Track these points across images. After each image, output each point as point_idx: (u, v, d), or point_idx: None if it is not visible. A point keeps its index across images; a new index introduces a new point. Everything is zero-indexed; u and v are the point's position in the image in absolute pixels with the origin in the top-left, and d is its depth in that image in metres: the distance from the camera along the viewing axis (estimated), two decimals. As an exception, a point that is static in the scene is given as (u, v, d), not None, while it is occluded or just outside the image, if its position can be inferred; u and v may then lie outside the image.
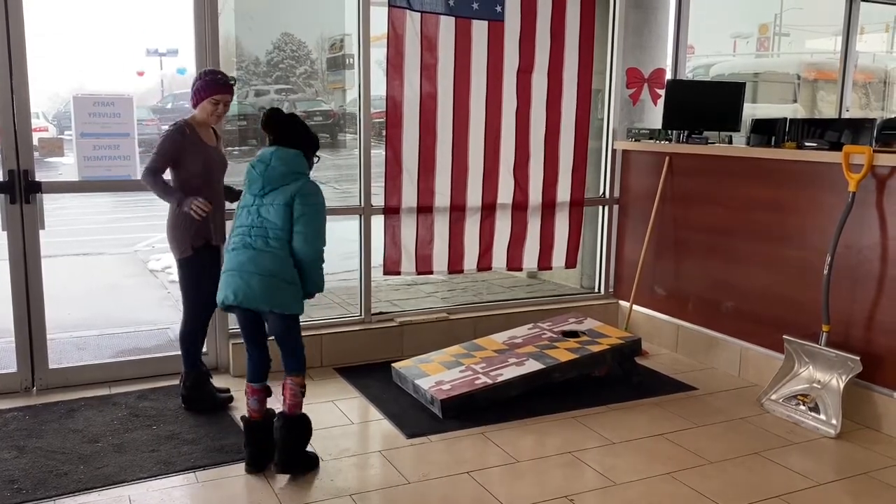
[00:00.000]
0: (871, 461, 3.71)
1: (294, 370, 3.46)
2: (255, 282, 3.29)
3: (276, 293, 3.31)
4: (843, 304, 4.19)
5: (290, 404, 3.44)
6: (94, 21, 9.29)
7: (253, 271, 3.30)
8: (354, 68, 4.99)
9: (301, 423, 3.49)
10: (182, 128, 3.93)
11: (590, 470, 3.58)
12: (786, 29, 12.98)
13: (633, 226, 5.67)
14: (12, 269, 4.22)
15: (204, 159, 3.97)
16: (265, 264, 3.30)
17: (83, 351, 5.15)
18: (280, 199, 3.31)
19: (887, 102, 10.60)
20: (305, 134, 3.49)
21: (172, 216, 3.99)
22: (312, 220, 3.32)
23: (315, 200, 3.35)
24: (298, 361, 3.47)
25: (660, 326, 5.46)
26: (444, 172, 5.07)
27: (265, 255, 3.30)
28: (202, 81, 3.97)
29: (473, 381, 4.25)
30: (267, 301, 3.32)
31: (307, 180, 3.39)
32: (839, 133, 4.55)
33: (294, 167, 3.36)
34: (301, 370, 3.47)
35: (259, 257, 3.30)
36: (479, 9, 4.95)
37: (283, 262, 3.31)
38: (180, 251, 4.00)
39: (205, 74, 4.01)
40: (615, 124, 5.74)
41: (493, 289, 6.61)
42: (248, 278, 3.30)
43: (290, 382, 3.44)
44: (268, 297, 3.31)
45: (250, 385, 3.51)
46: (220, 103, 3.97)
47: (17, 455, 3.55)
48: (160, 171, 3.91)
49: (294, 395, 3.44)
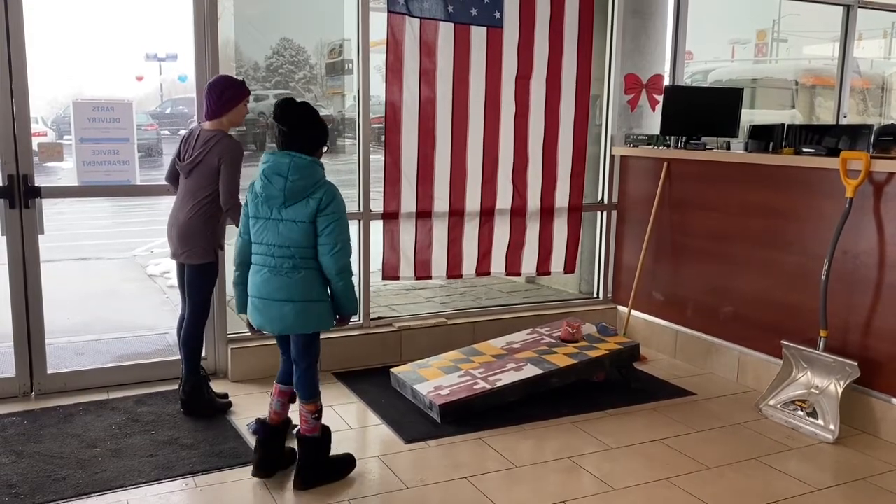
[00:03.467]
0: (869, 467, 3.72)
1: (305, 398, 3.39)
2: (287, 309, 3.24)
3: (310, 316, 3.27)
4: (840, 310, 4.20)
5: (304, 429, 3.41)
6: (94, 26, 9.30)
7: (285, 300, 3.23)
8: (354, 74, 5.00)
9: (317, 443, 3.43)
10: (237, 140, 4.02)
11: (588, 475, 3.58)
12: (784, 35, 13.01)
13: (632, 231, 5.68)
14: (11, 274, 4.22)
15: None
16: (297, 291, 3.22)
17: (81, 356, 5.15)
18: (302, 215, 3.18)
19: (885, 108, 10.62)
20: (319, 125, 3.33)
21: (200, 222, 3.96)
22: (335, 233, 3.20)
23: (336, 210, 3.22)
24: (308, 387, 3.38)
25: (658, 332, 5.46)
26: (443, 177, 5.08)
27: (296, 282, 3.22)
28: (236, 87, 4.00)
29: (472, 387, 4.25)
30: (301, 325, 3.29)
31: (326, 188, 3.23)
32: (837, 139, 4.57)
33: (313, 179, 3.21)
34: (312, 397, 3.39)
35: (290, 285, 3.22)
36: (478, 15, 4.97)
37: (312, 283, 3.24)
38: (205, 256, 4.01)
39: (231, 80, 4.04)
40: (613, 130, 5.75)
41: (491, 294, 6.62)
42: (279, 307, 3.24)
43: (303, 410, 3.39)
44: (301, 321, 3.27)
45: (277, 385, 3.50)
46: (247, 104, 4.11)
47: (16, 460, 3.54)
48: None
49: (307, 421, 3.40)
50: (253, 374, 4.69)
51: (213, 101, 3.98)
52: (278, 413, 3.50)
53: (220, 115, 3.99)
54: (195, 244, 3.98)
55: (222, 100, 3.97)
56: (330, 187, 3.25)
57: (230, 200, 3.92)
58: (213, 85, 4.01)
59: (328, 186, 3.25)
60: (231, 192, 3.93)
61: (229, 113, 4.00)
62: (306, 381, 3.38)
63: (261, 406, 4.22)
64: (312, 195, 3.19)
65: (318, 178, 3.24)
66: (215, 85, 4.01)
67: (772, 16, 12.73)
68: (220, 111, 3.98)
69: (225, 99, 3.98)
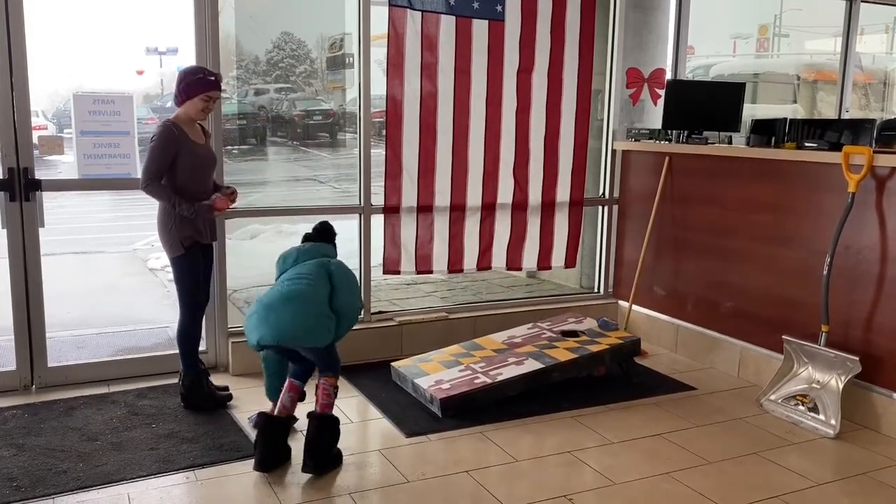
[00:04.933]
0: (870, 461, 3.72)
1: (327, 370, 3.53)
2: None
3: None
4: (842, 305, 4.19)
5: (322, 403, 3.51)
6: (94, 19, 9.28)
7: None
8: (354, 67, 4.99)
9: (332, 423, 3.53)
10: (170, 128, 3.90)
11: (589, 469, 3.58)
12: (785, 30, 12.98)
13: (633, 226, 5.68)
14: (12, 268, 4.22)
15: (193, 158, 3.96)
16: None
17: (82, 349, 5.15)
18: (313, 266, 3.58)
19: (887, 103, 10.60)
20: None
21: (163, 216, 3.97)
22: (346, 279, 3.56)
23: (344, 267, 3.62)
24: (333, 362, 3.55)
25: (659, 326, 5.46)
26: (444, 172, 5.07)
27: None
28: (192, 79, 3.95)
29: (473, 381, 4.25)
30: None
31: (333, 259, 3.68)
32: (839, 133, 4.56)
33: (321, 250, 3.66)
34: (335, 370, 3.54)
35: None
36: (480, 8, 4.95)
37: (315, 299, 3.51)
38: (172, 250, 3.99)
39: (193, 72, 3.99)
40: (615, 124, 5.74)
41: (492, 288, 6.61)
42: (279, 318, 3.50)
43: (324, 382, 3.52)
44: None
45: (290, 380, 3.62)
46: (211, 100, 3.99)
47: (16, 453, 3.55)
48: (160, 177, 3.89)
49: (327, 394, 3.51)
50: (254, 367, 4.67)
51: (175, 89, 3.99)
52: (287, 408, 3.58)
53: (178, 104, 3.98)
54: (164, 238, 3.99)
55: (178, 89, 3.97)
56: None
57: (141, 183, 3.89)
58: (180, 72, 4.02)
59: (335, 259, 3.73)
60: (142, 172, 3.89)
61: (184, 105, 3.96)
62: (330, 364, 3.56)
63: (262, 400, 4.22)
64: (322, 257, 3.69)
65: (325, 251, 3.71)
66: (180, 73, 4.02)
67: (773, 11, 12.70)
68: (177, 101, 3.97)
69: (180, 89, 3.96)
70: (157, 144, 3.87)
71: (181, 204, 3.87)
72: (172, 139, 3.88)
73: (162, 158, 3.86)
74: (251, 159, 10.44)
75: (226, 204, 4.02)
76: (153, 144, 3.87)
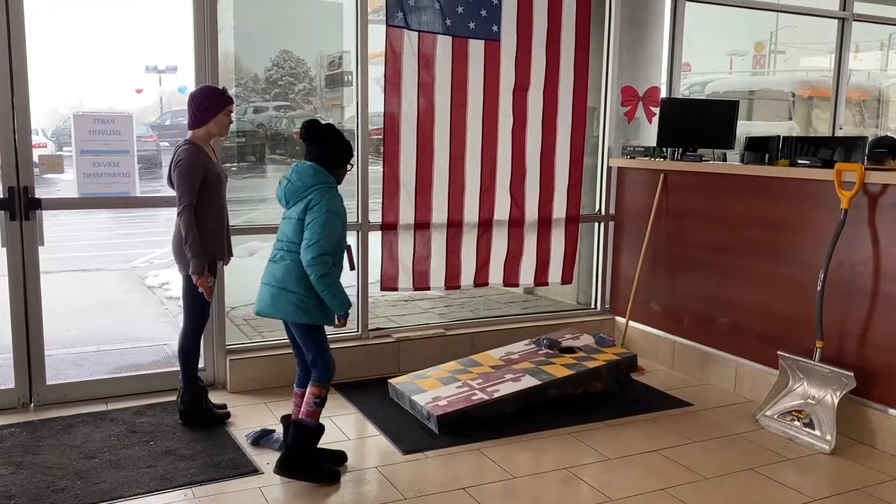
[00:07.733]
0: (866, 477, 3.73)
1: (315, 379, 3.58)
2: (265, 291, 3.54)
3: (279, 302, 3.48)
4: (836, 320, 4.22)
5: (301, 411, 3.59)
6: (94, 37, 9.33)
7: (266, 283, 3.54)
8: (353, 86, 5.03)
9: (305, 431, 3.56)
10: (196, 151, 3.96)
11: (585, 486, 3.59)
12: (781, 47, 13.05)
13: (629, 242, 5.71)
14: (11, 286, 4.24)
15: (214, 176, 4.03)
16: (275, 274, 3.50)
17: (81, 367, 5.16)
18: (294, 213, 3.47)
19: (882, 120, 10.66)
20: (338, 144, 3.57)
21: (180, 233, 3.99)
22: (314, 228, 3.40)
23: (322, 210, 3.40)
24: (318, 371, 3.58)
25: (655, 342, 5.48)
26: (442, 189, 5.10)
27: (279, 268, 3.50)
28: (214, 98, 4.02)
29: (470, 397, 4.26)
30: (272, 310, 3.52)
31: (321, 192, 3.43)
32: (832, 151, 4.61)
33: (307, 181, 3.46)
34: (320, 381, 3.58)
35: (274, 270, 3.52)
36: (476, 28, 5.00)
37: (290, 272, 3.46)
38: (188, 268, 4.02)
39: (211, 92, 4.06)
40: (610, 142, 5.78)
41: (489, 305, 6.63)
42: (264, 290, 3.54)
43: (310, 390, 3.59)
44: (273, 305, 3.51)
45: (295, 390, 3.74)
46: (231, 114, 4.08)
47: (14, 471, 3.55)
48: (196, 201, 3.92)
49: (306, 403, 3.58)
50: (251, 384, 4.70)
51: (193, 111, 4.02)
52: (293, 414, 3.73)
53: (199, 125, 4.02)
54: (181, 255, 4.00)
55: (200, 110, 4.01)
56: (325, 190, 3.45)
57: (178, 205, 3.92)
58: (193, 95, 4.06)
59: (323, 189, 3.45)
60: (179, 197, 3.92)
61: (208, 123, 4.01)
62: (315, 366, 3.58)
63: (260, 417, 4.24)
64: (307, 196, 3.44)
65: (314, 181, 3.45)
66: (195, 95, 4.06)
67: (769, 28, 12.78)
68: (199, 122, 4.01)
69: (203, 109, 4.00)
70: (188, 167, 3.89)
71: (197, 252, 3.89)
72: (200, 159, 3.95)
73: (195, 180, 3.91)
74: (250, 176, 10.46)
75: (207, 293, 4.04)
76: (183, 168, 3.89)
